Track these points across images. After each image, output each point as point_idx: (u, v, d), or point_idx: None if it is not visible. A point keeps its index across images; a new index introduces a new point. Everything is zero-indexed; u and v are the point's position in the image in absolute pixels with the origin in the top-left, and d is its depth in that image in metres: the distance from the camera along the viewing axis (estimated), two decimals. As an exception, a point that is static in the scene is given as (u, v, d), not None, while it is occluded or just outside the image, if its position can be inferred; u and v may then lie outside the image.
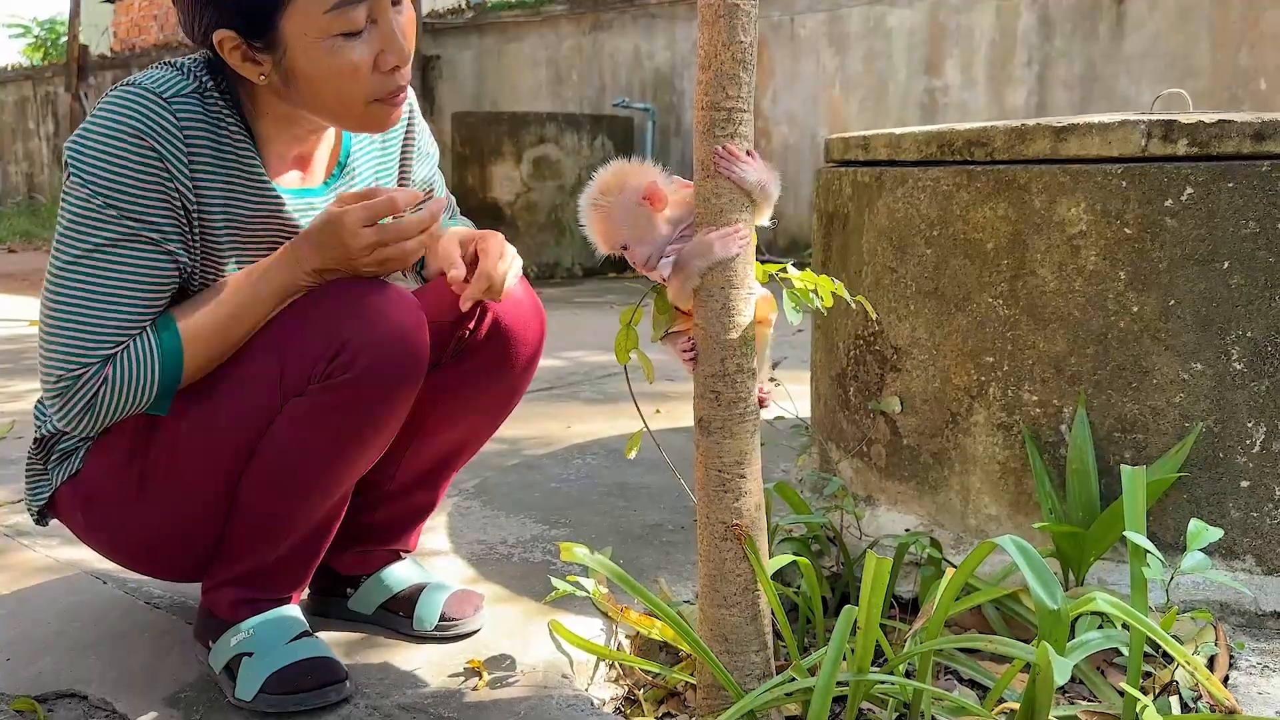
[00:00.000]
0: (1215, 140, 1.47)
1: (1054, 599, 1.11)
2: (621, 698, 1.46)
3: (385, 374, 1.28)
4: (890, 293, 1.73)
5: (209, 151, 1.27)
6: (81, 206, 1.22)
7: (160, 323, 1.27)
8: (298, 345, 1.28)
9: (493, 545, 1.90)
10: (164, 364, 1.25)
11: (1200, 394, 1.49)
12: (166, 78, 1.27)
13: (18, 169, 12.76)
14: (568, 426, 2.78)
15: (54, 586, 1.74)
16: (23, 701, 1.38)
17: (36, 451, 1.43)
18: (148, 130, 1.22)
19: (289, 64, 1.24)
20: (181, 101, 1.25)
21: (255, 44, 1.23)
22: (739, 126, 1.20)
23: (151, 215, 1.24)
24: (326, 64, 1.23)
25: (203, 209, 1.28)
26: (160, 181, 1.23)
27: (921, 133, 1.71)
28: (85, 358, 1.23)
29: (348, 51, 1.23)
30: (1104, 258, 1.51)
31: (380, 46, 1.25)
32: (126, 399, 1.25)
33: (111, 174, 1.22)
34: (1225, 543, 1.51)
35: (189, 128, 1.25)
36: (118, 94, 1.25)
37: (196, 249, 1.29)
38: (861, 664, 1.18)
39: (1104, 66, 5.62)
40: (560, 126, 6.42)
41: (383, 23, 1.24)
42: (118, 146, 1.22)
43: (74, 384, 1.23)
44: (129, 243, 1.23)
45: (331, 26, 1.21)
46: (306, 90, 1.26)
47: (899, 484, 1.76)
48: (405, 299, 1.32)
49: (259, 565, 1.37)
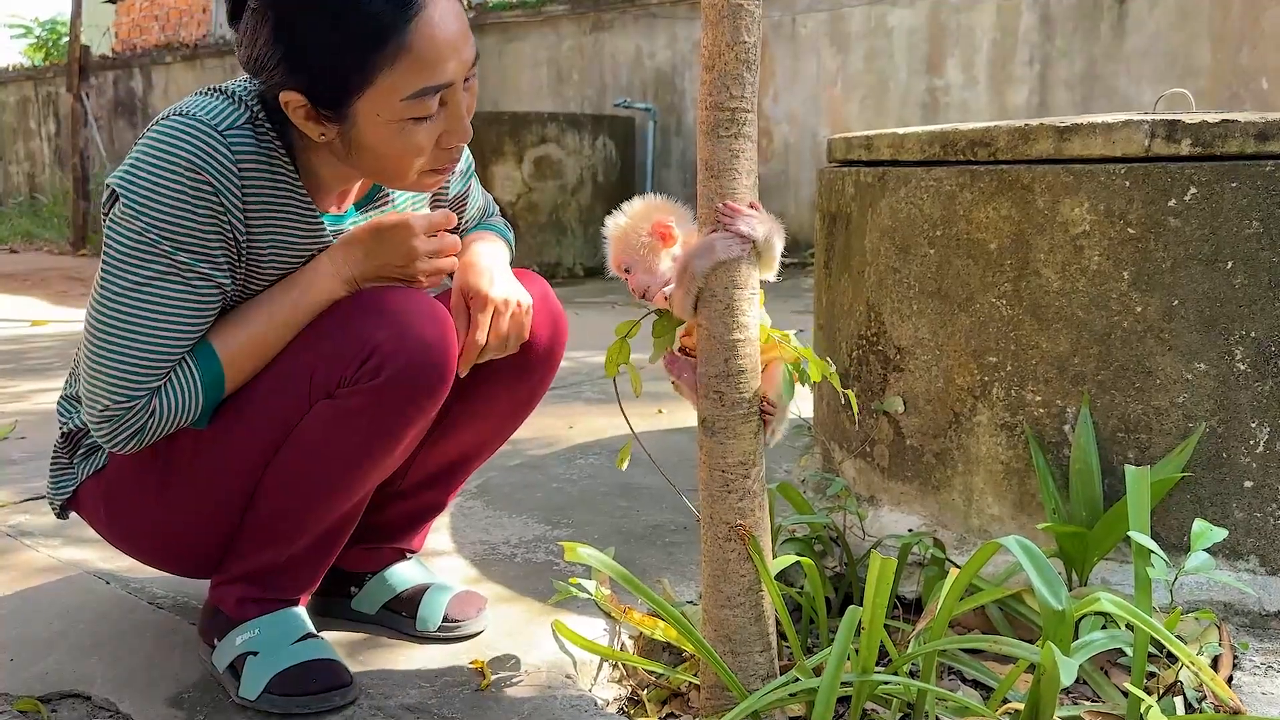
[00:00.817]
0: (1219, 140, 1.47)
1: (1059, 599, 1.11)
2: (625, 698, 1.46)
3: (413, 380, 1.28)
4: (893, 293, 1.73)
5: (261, 181, 1.27)
6: (134, 240, 1.21)
7: (201, 349, 1.27)
8: (328, 349, 1.28)
9: (495, 545, 1.90)
10: (207, 390, 1.27)
11: (1204, 394, 1.49)
12: (219, 108, 1.25)
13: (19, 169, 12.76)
14: (570, 426, 2.78)
15: (57, 587, 1.74)
16: (26, 702, 1.38)
17: (62, 445, 1.44)
18: (202, 164, 1.21)
19: (355, 137, 1.24)
20: (236, 133, 1.24)
21: (324, 112, 1.22)
22: (743, 127, 1.20)
23: (203, 248, 1.23)
24: (394, 144, 1.23)
25: (251, 238, 1.28)
26: (214, 215, 1.23)
27: (925, 133, 1.71)
28: (134, 391, 1.23)
29: (416, 133, 1.23)
30: (1107, 258, 1.51)
31: (446, 127, 1.25)
32: (172, 423, 1.27)
33: (165, 208, 1.20)
34: (1229, 543, 1.51)
35: (243, 159, 1.24)
36: (170, 124, 1.23)
37: (240, 275, 1.30)
38: (866, 664, 1.18)
39: (1105, 66, 5.62)
40: (561, 126, 6.42)
41: (452, 105, 1.25)
42: (171, 180, 1.20)
43: (123, 415, 1.24)
44: (180, 275, 1.23)
45: (407, 111, 1.21)
46: (367, 158, 1.26)
47: (902, 484, 1.76)
48: (435, 307, 1.32)
49: (271, 564, 1.37)
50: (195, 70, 10.47)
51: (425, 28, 1.18)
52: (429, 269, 1.35)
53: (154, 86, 10.97)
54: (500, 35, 8.15)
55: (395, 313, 1.28)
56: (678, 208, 1.29)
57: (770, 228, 1.21)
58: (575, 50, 7.78)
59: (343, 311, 1.30)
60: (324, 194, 1.36)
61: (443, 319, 1.32)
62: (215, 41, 10.74)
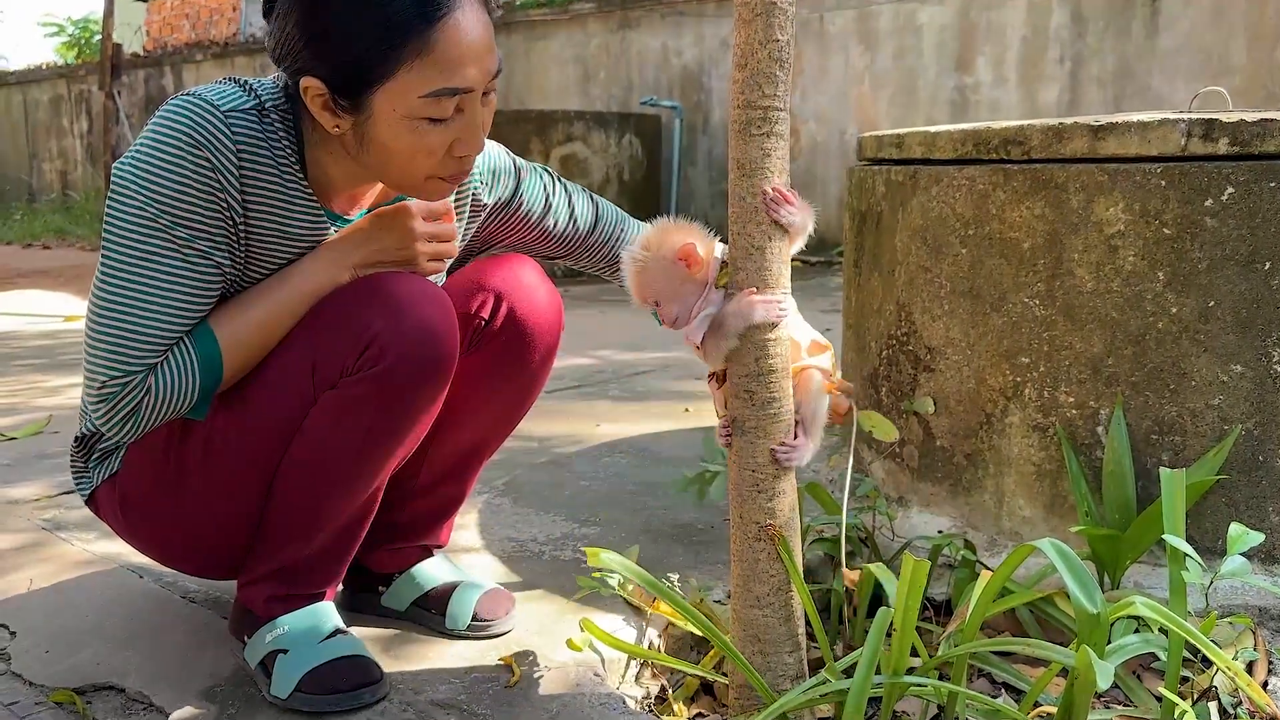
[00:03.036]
0: (1257, 139, 1.45)
1: (1094, 603, 1.10)
2: (654, 696, 1.46)
3: (415, 366, 1.28)
4: (924, 292, 1.72)
5: (261, 168, 1.28)
6: (135, 214, 1.23)
7: (199, 331, 1.27)
8: (328, 339, 1.29)
9: (523, 543, 1.90)
10: (204, 372, 1.27)
11: (1240, 396, 1.47)
12: (225, 91, 1.27)
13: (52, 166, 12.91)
14: (596, 425, 2.78)
15: (92, 580, 1.76)
16: (62, 693, 1.39)
17: (77, 450, 1.45)
18: (202, 140, 1.22)
19: (368, 130, 1.24)
20: (238, 117, 1.25)
21: (341, 102, 1.23)
22: (775, 125, 1.20)
23: (202, 224, 1.24)
24: (406, 141, 1.23)
25: (250, 223, 1.29)
26: (212, 192, 1.24)
27: (957, 131, 1.70)
28: (131, 365, 1.24)
29: (429, 135, 1.23)
30: (1142, 258, 1.50)
31: (458, 135, 1.25)
32: (168, 407, 1.27)
33: (165, 182, 1.22)
34: (1265, 547, 1.49)
35: (242, 142, 1.25)
36: (175, 103, 1.25)
37: (241, 260, 1.30)
38: (897, 666, 1.18)
39: (1137, 63, 5.56)
40: (588, 125, 6.42)
41: (468, 113, 1.25)
42: (172, 155, 1.22)
43: (120, 391, 1.24)
44: (178, 252, 1.24)
45: (422, 110, 1.21)
46: (377, 155, 1.26)
47: (932, 485, 1.75)
48: (434, 292, 1.33)
49: (293, 560, 1.38)
50: (225, 68, 10.55)
51: (452, 30, 1.19)
52: (429, 251, 1.36)
53: (185, 84, 11.07)
54: (527, 33, 8.17)
55: (393, 298, 1.29)
56: (693, 227, 1.26)
57: (807, 214, 1.22)
58: (602, 48, 7.79)
59: (342, 299, 1.31)
60: (333, 194, 1.36)
61: (441, 301, 1.32)
62: (245, 40, 10.82)
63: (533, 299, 1.47)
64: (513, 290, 1.46)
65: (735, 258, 1.23)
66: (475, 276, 1.47)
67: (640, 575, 1.31)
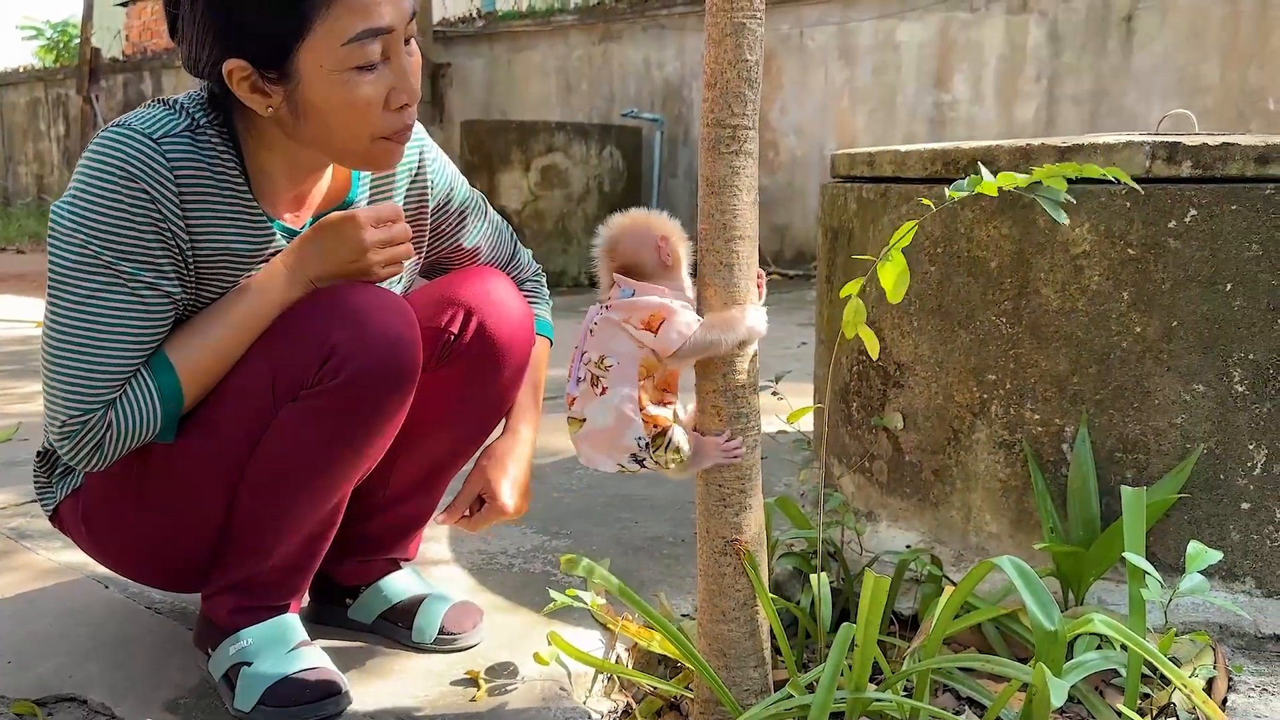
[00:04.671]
0: (1219, 162, 1.48)
1: (1051, 620, 1.11)
2: (619, 710, 1.46)
3: (377, 376, 1.28)
4: (894, 310, 1.73)
5: (202, 189, 1.26)
6: (76, 253, 1.22)
7: (156, 360, 1.26)
8: (288, 352, 1.28)
9: (493, 555, 1.90)
10: (164, 401, 1.26)
11: (1202, 415, 1.49)
12: (155, 116, 1.26)
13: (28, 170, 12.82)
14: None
15: (56, 590, 1.74)
16: (23, 705, 1.38)
17: (40, 465, 1.44)
18: (137, 173, 1.21)
19: (301, 97, 1.23)
20: (171, 141, 1.24)
21: (268, 74, 1.22)
22: (744, 144, 1.21)
23: (147, 258, 1.23)
24: (340, 97, 1.22)
25: (196, 247, 1.27)
26: (153, 223, 1.23)
27: (927, 150, 1.71)
28: (89, 404, 1.23)
29: (362, 86, 1.22)
30: (1107, 278, 1.52)
31: (392, 84, 1.24)
32: (131, 438, 1.26)
33: (104, 218, 1.21)
34: (1225, 565, 1.51)
35: (180, 167, 1.24)
36: (106, 136, 1.24)
37: (191, 285, 1.29)
38: (859, 682, 1.18)
39: (1113, 83, 5.63)
40: (569, 136, 6.43)
41: (395, 60, 1.24)
42: (109, 191, 1.21)
43: (81, 429, 1.24)
44: (125, 286, 1.23)
45: (348, 59, 1.20)
46: (316, 124, 1.25)
47: (900, 500, 1.76)
48: (395, 301, 1.32)
49: (256, 572, 1.37)
50: (205, 74, 10.51)
51: None
52: (383, 259, 1.33)
53: (164, 89, 11.02)
54: (510, 44, 8.18)
55: (352, 310, 1.28)
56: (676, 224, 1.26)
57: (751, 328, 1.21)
58: (584, 60, 7.81)
59: (300, 313, 1.30)
60: (279, 197, 1.35)
61: (402, 311, 1.32)
62: (226, 46, 10.78)
63: (503, 313, 1.47)
64: (483, 305, 1.46)
65: (704, 273, 1.24)
66: (445, 290, 1.47)
67: (612, 583, 1.32)
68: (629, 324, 1.19)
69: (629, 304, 1.19)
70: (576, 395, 1.21)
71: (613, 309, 1.20)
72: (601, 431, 1.19)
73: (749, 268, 1.24)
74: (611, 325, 1.19)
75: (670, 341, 1.17)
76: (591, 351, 1.20)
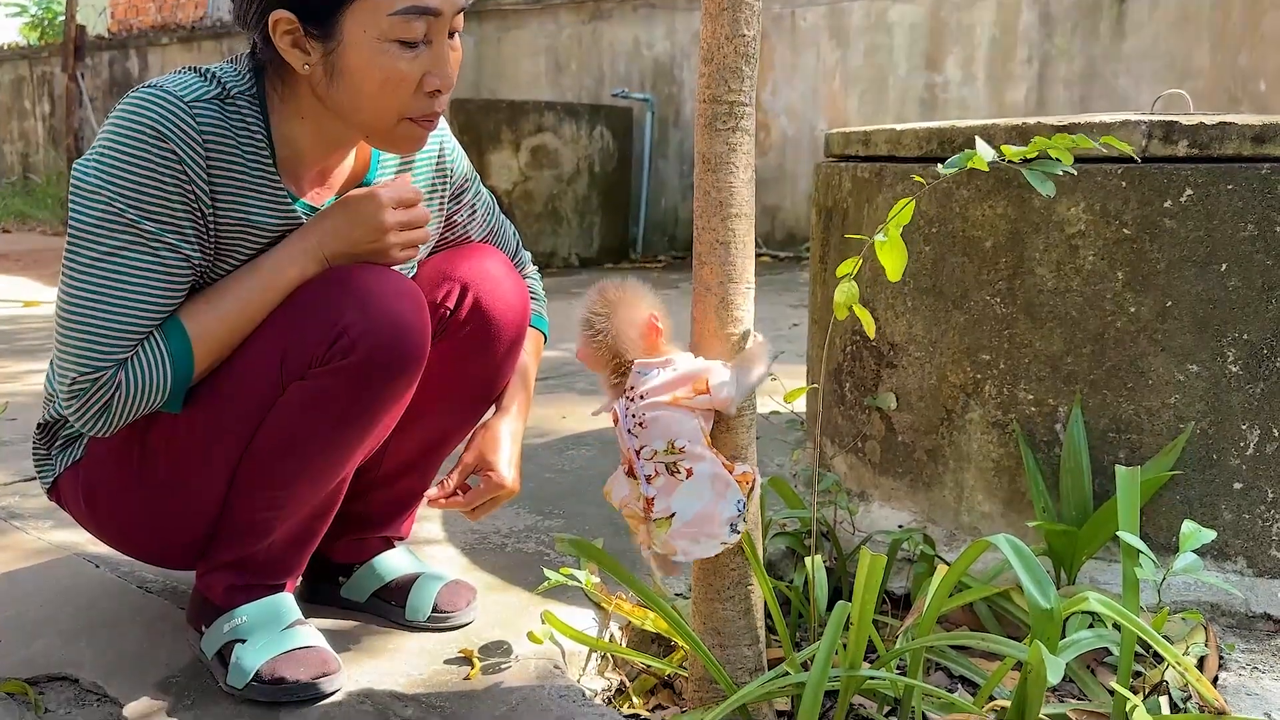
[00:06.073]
0: (1216, 142, 1.48)
1: (1047, 598, 1.11)
2: (613, 689, 1.46)
3: (385, 359, 1.28)
4: (888, 289, 1.73)
5: (227, 158, 1.26)
6: (101, 209, 1.21)
7: (169, 325, 1.26)
8: (298, 330, 1.28)
9: (486, 535, 1.90)
10: (175, 366, 1.25)
11: (1195, 396, 1.49)
12: (187, 81, 1.26)
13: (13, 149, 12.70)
14: (563, 417, 2.78)
15: (47, 569, 1.73)
16: (13, 684, 1.38)
17: (40, 437, 1.43)
18: (167, 133, 1.21)
19: (339, 58, 1.23)
20: (202, 106, 1.24)
21: (311, 30, 1.22)
22: (740, 120, 1.20)
23: (170, 218, 1.23)
24: (377, 66, 1.22)
25: (218, 215, 1.27)
26: (179, 185, 1.22)
27: (923, 129, 1.71)
28: (101, 361, 1.22)
29: (400, 60, 1.22)
30: (1102, 258, 1.51)
31: (429, 67, 1.24)
32: (140, 402, 1.25)
33: (131, 176, 1.20)
34: (1217, 544, 1.51)
35: (208, 132, 1.24)
36: (138, 96, 1.23)
37: (210, 251, 1.29)
38: (854, 660, 1.19)
39: (1104, 65, 5.62)
40: (559, 116, 6.40)
41: (436, 45, 1.24)
42: (138, 149, 1.20)
43: (90, 387, 1.23)
44: (146, 246, 1.22)
45: (393, 31, 1.21)
46: (348, 89, 1.25)
47: (893, 480, 1.77)
48: (404, 283, 1.32)
49: (255, 550, 1.37)
50: (191, 52, 10.42)
51: None
52: (400, 241, 1.33)
53: (150, 68, 10.92)
54: (499, 23, 8.12)
55: (364, 291, 1.28)
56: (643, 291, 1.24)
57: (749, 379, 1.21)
58: (574, 39, 7.76)
59: (313, 291, 1.29)
60: (303, 172, 1.34)
61: (413, 295, 1.31)
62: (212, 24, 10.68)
63: (498, 290, 1.46)
64: (479, 281, 1.45)
65: (700, 252, 1.24)
66: (441, 266, 1.47)
67: (606, 560, 1.32)
68: (683, 398, 1.17)
69: (669, 382, 1.18)
70: (654, 494, 1.18)
71: (653, 393, 1.17)
72: (700, 515, 1.16)
73: (745, 246, 1.24)
74: (664, 409, 1.17)
75: (728, 394, 1.17)
76: (653, 443, 1.17)
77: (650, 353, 1.21)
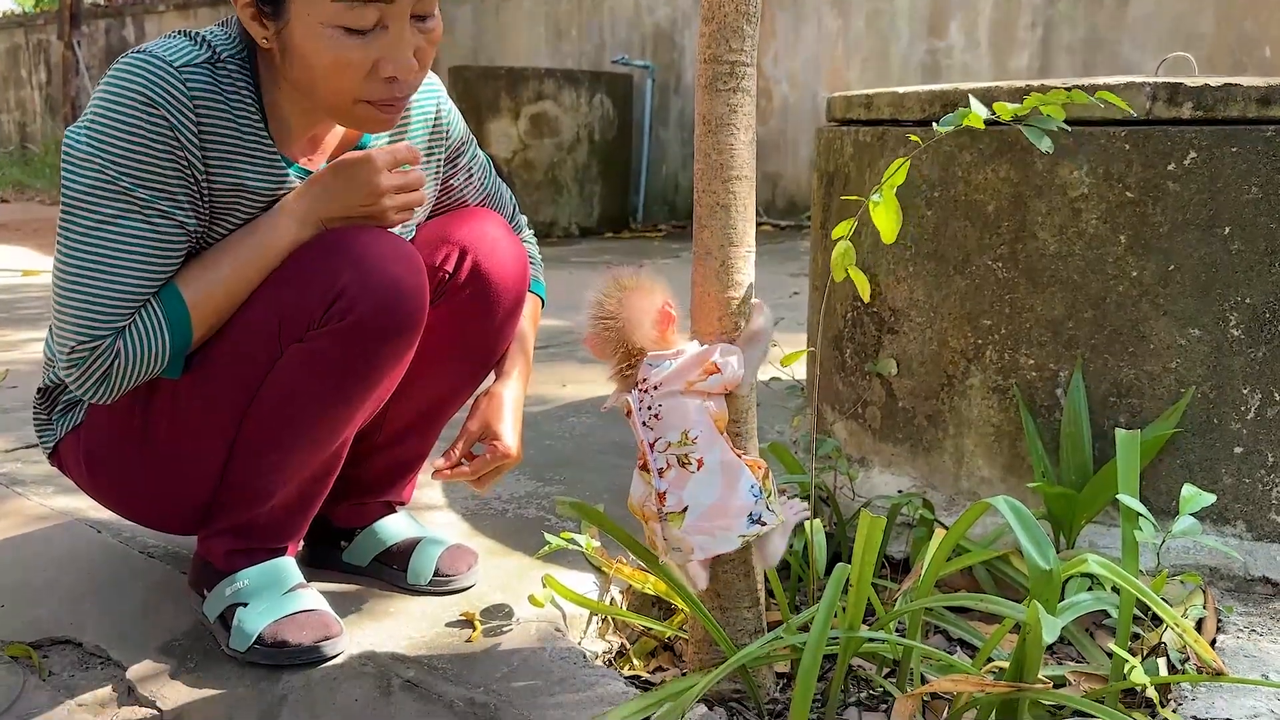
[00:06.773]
0: (1220, 104, 1.46)
1: (1046, 559, 1.12)
2: (614, 651, 1.47)
3: (383, 321, 1.27)
4: (889, 254, 1.72)
5: (218, 123, 1.25)
6: (93, 177, 1.20)
7: (166, 292, 1.25)
8: (295, 292, 1.27)
9: (486, 501, 1.90)
10: (173, 333, 1.25)
11: (1197, 360, 1.49)
12: (176, 46, 1.24)
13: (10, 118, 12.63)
14: (563, 385, 2.78)
15: (49, 534, 1.74)
16: (17, 647, 1.38)
17: (41, 401, 1.43)
18: (157, 99, 1.20)
19: (288, 39, 1.21)
20: (192, 71, 1.23)
21: (264, 8, 1.21)
22: (741, 80, 1.19)
23: (162, 185, 1.22)
24: (324, 52, 1.20)
25: (212, 180, 1.26)
26: (171, 151, 1.21)
27: (925, 92, 1.69)
28: (99, 330, 1.22)
29: (345, 48, 1.20)
30: (1105, 221, 1.51)
31: (383, 54, 1.21)
32: (139, 369, 1.25)
33: (122, 144, 1.20)
34: (1217, 508, 1.52)
35: (199, 97, 1.23)
36: (127, 62, 1.22)
37: (205, 217, 1.28)
38: (853, 621, 1.19)
39: (1107, 32, 5.57)
40: (559, 83, 6.35)
41: (394, 31, 1.21)
42: (129, 116, 1.19)
43: (89, 355, 1.22)
44: (140, 213, 1.21)
45: (338, 17, 1.18)
46: (300, 69, 1.23)
47: (893, 446, 1.77)
48: (402, 245, 1.31)
49: (256, 514, 1.37)
50: (188, 19, 10.33)
51: None
52: (396, 204, 1.32)
53: (146, 34, 10.83)
54: (498, -11, 8.05)
55: (361, 253, 1.27)
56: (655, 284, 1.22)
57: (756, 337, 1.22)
58: (574, 6, 7.69)
59: (309, 254, 1.29)
60: (294, 138, 1.33)
61: (411, 257, 1.31)
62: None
63: (496, 253, 1.46)
64: (477, 244, 1.45)
65: (700, 215, 1.23)
66: (440, 230, 1.46)
67: (608, 524, 1.32)
68: (695, 384, 1.17)
69: (681, 369, 1.17)
70: (666, 488, 1.17)
71: (666, 382, 1.17)
72: (713, 507, 1.16)
73: (746, 209, 1.23)
74: (677, 398, 1.17)
75: (737, 370, 1.18)
76: (667, 435, 1.17)
77: (661, 342, 1.20)
